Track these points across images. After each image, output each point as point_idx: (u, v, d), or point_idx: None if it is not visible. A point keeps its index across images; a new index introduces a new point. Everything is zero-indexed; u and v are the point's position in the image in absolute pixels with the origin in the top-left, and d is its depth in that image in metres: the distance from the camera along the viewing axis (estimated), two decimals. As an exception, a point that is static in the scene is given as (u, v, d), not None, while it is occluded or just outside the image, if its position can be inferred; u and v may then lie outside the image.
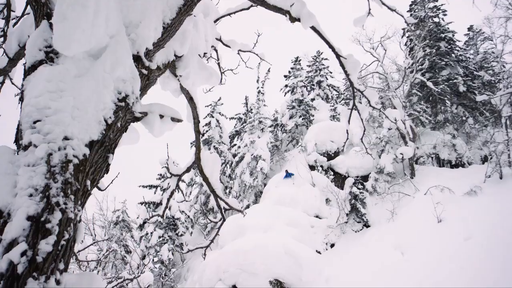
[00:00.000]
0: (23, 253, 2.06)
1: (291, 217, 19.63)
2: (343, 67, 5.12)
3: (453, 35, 27.90)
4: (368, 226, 19.54)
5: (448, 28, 28.08)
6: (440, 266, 12.24)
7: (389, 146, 23.25)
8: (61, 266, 2.24)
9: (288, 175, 23.10)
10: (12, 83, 5.84)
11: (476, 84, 26.14)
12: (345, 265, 16.37)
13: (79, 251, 10.20)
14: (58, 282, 2.19)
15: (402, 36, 29.62)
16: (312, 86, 36.84)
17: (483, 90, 25.97)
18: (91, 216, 22.87)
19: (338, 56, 5.07)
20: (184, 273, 24.88)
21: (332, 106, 32.09)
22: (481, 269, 10.86)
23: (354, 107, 5.77)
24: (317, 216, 21.33)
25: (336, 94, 37.18)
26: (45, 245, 2.14)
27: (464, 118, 25.60)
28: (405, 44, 29.55)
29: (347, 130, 6.54)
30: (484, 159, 22.21)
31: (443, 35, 27.38)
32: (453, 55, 27.09)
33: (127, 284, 14.77)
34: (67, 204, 2.34)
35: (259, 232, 18.27)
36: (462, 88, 25.28)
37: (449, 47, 27.25)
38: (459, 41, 28.65)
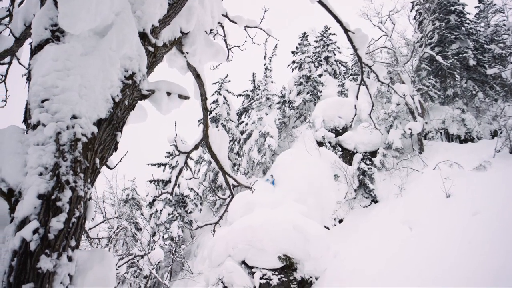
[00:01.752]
0: (35, 231, 2.10)
1: (299, 193, 19.71)
2: (351, 42, 5.06)
3: (463, 8, 27.36)
4: (376, 202, 19.61)
5: (458, 0, 27.54)
6: (448, 240, 12.28)
7: (397, 121, 23.12)
8: (73, 243, 2.28)
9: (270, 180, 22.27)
10: (20, 63, 5.85)
11: (486, 58, 25.75)
12: (353, 240, 16.49)
13: (90, 228, 10.36)
14: (70, 258, 2.23)
15: (411, 10, 29.16)
16: (320, 62, 36.51)
17: (494, 64, 25.61)
18: (101, 195, 23.11)
19: (346, 30, 5.00)
20: (194, 250, 25.20)
21: (340, 81, 31.83)
22: (490, 244, 10.88)
23: (362, 82, 5.73)
24: (325, 192, 21.41)
25: (344, 70, 36.85)
26: (56, 223, 2.17)
27: (473, 93, 25.29)
28: (414, 18, 29.10)
29: (355, 106, 6.50)
30: (494, 134, 22.02)
31: (453, 8, 26.87)
32: (463, 28, 26.63)
33: (138, 261, 15.04)
34: (77, 182, 2.36)
35: (267, 208, 18.42)
36: (472, 62, 24.92)
37: (459, 20, 26.76)
38: (469, 14, 28.08)
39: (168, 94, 3.63)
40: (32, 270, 2.02)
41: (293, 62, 34.68)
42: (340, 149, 24.92)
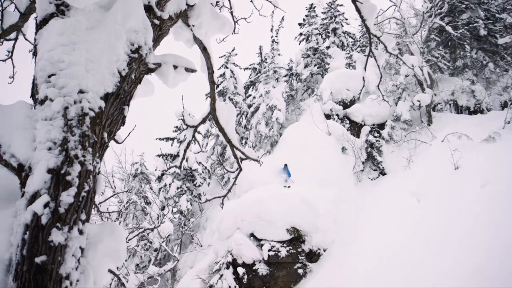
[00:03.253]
0: (46, 205, 2.12)
1: (307, 166, 19.73)
2: (359, 12, 4.98)
3: (475, -24, 26.71)
4: (384, 174, 19.61)
5: (469, -32, 26.86)
6: (456, 212, 12.31)
7: (406, 93, 22.89)
8: (83, 216, 2.31)
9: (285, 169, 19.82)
10: (25, 39, 5.83)
11: (497, 28, 25.19)
12: (361, 213, 16.58)
13: (100, 203, 10.47)
14: (81, 232, 2.26)
15: (421, -21, 28.54)
16: (327, 34, 36.00)
17: (505, 33, 25.08)
18: (110, 169, 23.33)
19: (354, 0, 4.92)
20: (203, 223, 25.51)
21: (348, 53, 31.45)
22: (497, 215, 10.90)
23: (371, 53, 5.66)
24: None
25: (351, 41, 36.30)
26: (67, 197, 2.20)
27: (484, 63, 24.88)
28: (424, -13, 28.51)
29: (363, 78, 6.44)
30: (504, 105, 21.76)
31: (463, -24, 26.25)
32: (474, -3, 26.05)
33: (148, 234, 15.26)
34: (86, 157, 2.37)
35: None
36: (482, 32, 24.42)
37: (470, -12, 26.16)
38: (480, -18, 27.44)
39: (175, 67, 3.60)
40: (44, 243, 2.06)
41: (300, 34, 34.25)
42: (348, 121, 24.78)
